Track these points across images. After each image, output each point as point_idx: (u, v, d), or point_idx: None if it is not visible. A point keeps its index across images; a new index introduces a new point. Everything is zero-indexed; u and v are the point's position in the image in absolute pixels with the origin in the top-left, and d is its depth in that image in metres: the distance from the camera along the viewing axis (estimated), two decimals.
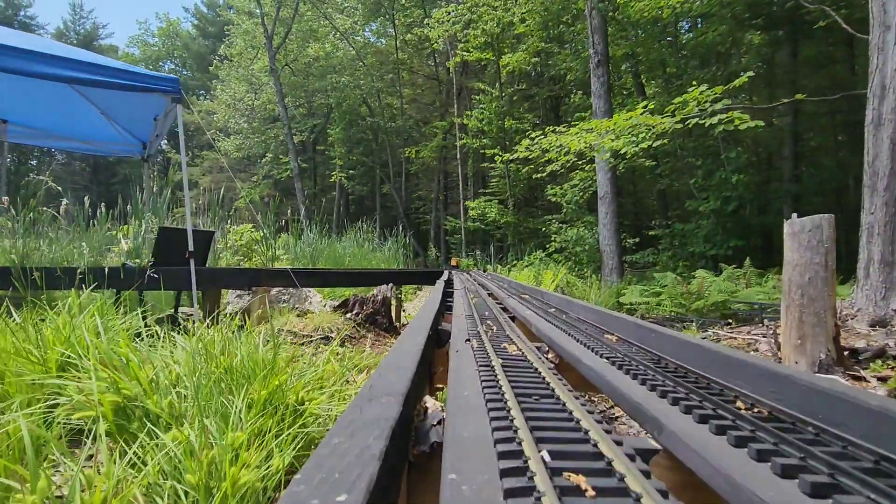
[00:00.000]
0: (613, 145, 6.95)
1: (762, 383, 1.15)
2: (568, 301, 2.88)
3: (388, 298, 5.13)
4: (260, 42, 24.21)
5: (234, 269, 5.00)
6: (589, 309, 2.48)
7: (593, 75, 13.08)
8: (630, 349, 1.68)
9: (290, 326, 4.40)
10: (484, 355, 1.42)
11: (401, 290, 7.40)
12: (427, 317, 1.96)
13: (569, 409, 0.93)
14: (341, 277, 6.25)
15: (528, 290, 3.90)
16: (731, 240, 12.65)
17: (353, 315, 4.82)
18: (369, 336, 4.64)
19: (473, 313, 2.36)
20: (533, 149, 8.45)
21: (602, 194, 12.89)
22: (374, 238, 16.52)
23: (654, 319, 6.52)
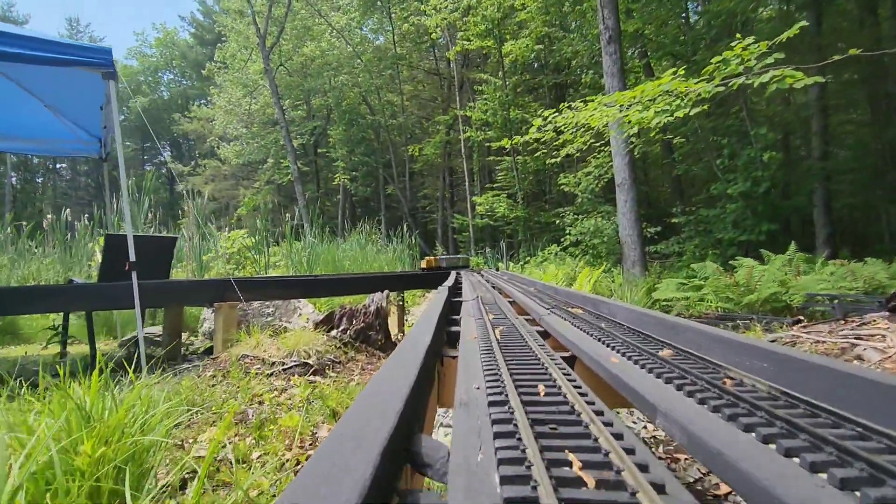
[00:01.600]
0: (642, 118, 5.98)
1: None
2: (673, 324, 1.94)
3: (383, 309, 4.22)
4: (253, 43, 23.40)
5: (194, 282, 4.13)
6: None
7: (605, 52, 12.13)
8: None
9: (260, 351, 3.49)
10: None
11: (402, 294, 6.50)
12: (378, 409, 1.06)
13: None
14: (328, 285, 5.31)
15: (573, 297, 2.92)
16: (763, 224, 11.60)
17: (339, 332, 3.90)
18: (360, 358, 3.73)
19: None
20: (546, 129, 7.48)
21: (620, 181, 11.91)
22: (377, 240, 15.65)
23: (704, 319, 5.54)
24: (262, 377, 3.16)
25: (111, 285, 3.97)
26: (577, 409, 0.83)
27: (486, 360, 1.18)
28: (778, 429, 0.78)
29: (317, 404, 2.68)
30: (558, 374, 1.05)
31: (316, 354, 3.41)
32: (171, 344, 4.36)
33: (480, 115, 19.51)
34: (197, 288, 4.27)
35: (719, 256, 11.53)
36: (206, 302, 4.33)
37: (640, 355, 1.31)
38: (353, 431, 0.67)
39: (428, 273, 7.00)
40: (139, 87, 56.86)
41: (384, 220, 26.58)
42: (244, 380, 3.05)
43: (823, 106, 14.46)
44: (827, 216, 14.10)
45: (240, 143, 30.91)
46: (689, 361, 1.24)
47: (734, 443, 0.74)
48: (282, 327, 4.71)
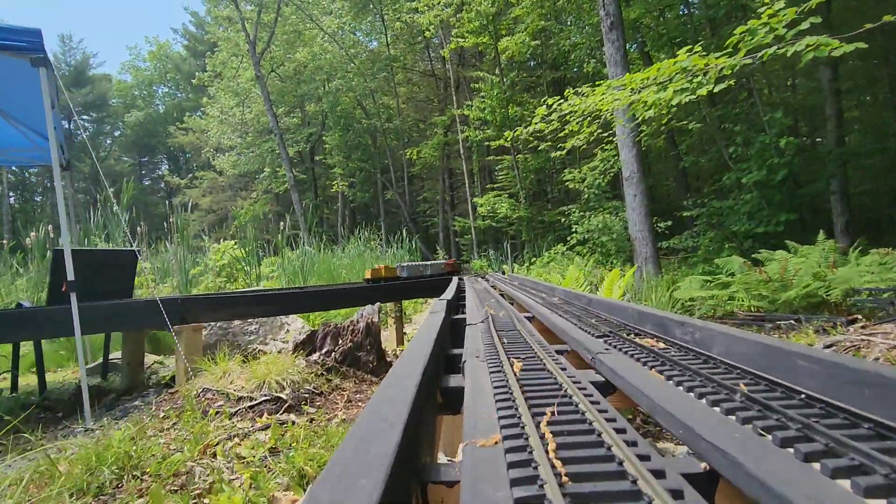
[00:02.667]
0: (659, 98, 5.38)
1: None
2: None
3: (374, 325, 3.62)
4: (243, 49, 22.91)
5: (148, 302, 3.54)
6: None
7: (606, 40, 11.57)
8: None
9: (226, 383, 2.90)
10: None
11: (400, 305, 5.91)
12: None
13: None
14: (311, 299, 4.69)
15: (617, 311, 2.24)
16: (781, 214, 10.99)
17: (321, 355, 3.31)
18: (346, 386, 3.13)
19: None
20: (550, 119, 6.89)
21: (628, 174, 11.33)
22: (376, 246, 15.08)
23: (740, 321, 4.92)
24: (224, 417, 2.57)
25: (55, 309, 3.39)
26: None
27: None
28: None
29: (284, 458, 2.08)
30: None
31: (291, 385, 2.81)
32: (132, 374, 3.78)
33: (478, 114, 18.93)
34: (150, 309, 3.65)
35: (735, 250, 10.91)
36: (162, 325, 3.73)
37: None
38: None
39: (430, 280, 6.39)
40: (134, 100, 56.64)
41: (384, 226, 26.05)
42: (199, 423, 2.46)
43: (837, 89, 13.85)
44: (844, 204, 13.47)
45: (235, 153, 30.42)
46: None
47: None
48: (258, 351, 4.11)
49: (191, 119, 35.12)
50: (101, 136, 60.18)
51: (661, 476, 0.63)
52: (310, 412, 2.68)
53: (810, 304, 5.70)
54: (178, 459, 2.12)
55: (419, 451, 0.83)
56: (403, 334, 5.77)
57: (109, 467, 1.99)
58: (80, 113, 57.58)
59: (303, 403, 2.75)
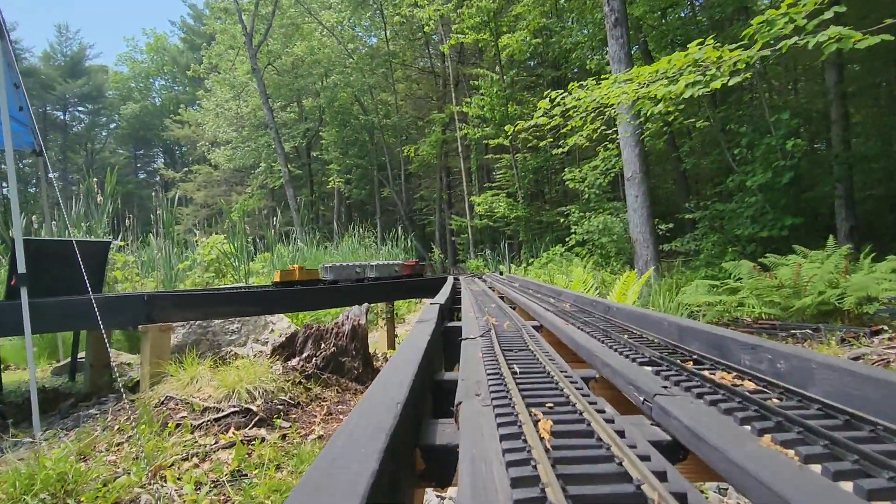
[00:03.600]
0: (669, 91, 5.09)
1: None
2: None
3: (361, 327, 3.31)
4: (240, 42, 22.54)
5: (109, 299, 3.21)
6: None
7: (610, 37, 11.30)
8: None
9: (193, 390, 2.59)
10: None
11: (392, 306, 5.60)
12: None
13: None
14: (293, 298, 4.32)
15: (649, 324, 1.88)
16: (786, 218, 10.72)
17: (300, 361, 3.00)
18: (328, 396, 2.82)
19: None
20: (552, 113, 6.59)
21: (630, 174, 11.07)
22: (370, 243, 14.77)
23: (754, 328, 4.63)
24: (185, 431, 2.26)
25: (4, 305, 3.06)
26: None
27: None
28: None
29: (244, 490, 1.77)
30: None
31: (264, 396, 2.50)
32: (94, 377, 3.45)
33: (478, 111, 18.62)
34: (112, 306, 3.30)
35: (739, 253, 10.65)
36: (126, 324, 3.41)
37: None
38: None
39: (425, 279, 6.06)
40: (130, 93, 56.10)
41: (380, 224, 25.74)
42: (155, 439, 2.14)
43: (843, 92, 13.62)
44: (850, 209, 13.23)
45: (230, 147, 30.02)
46: None
47: None
48: (233, 354, 3.78)
49: (186, 112, 34.66)
50: (97, 128, 59.64)
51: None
52: (283, 427, 2.38)
53: (820, 312, 5.43)
54: (123, 484, 1.81)
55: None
56: (395, 336, 5.47)
57: (38, 495, 1.69)
58: (76, 104, 57.09)
59: (276, 416, 2.45)
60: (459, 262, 22.76)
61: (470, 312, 2.03)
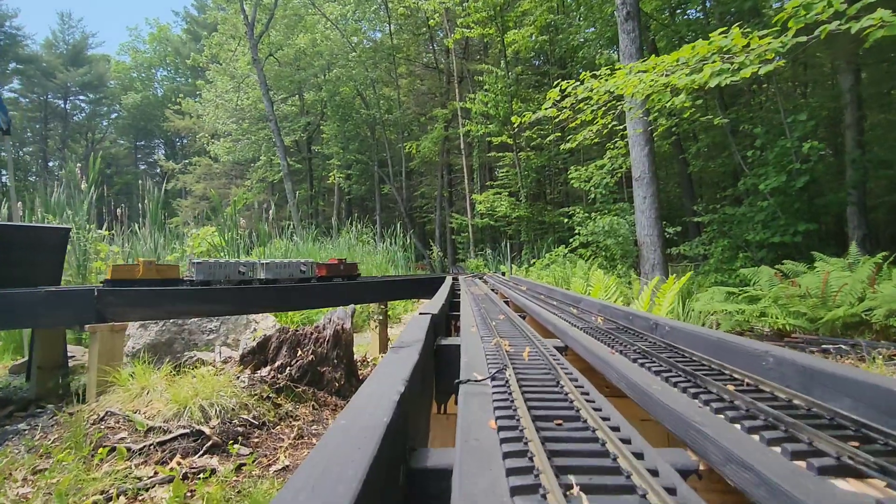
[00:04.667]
0: (692, 80, 4.68)
1: None
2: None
3: (345, 332, 2.91)
4: (241, 32, 22.12)
5: (50, 294, 2.76)
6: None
7: (621, 31, 10.90)
8: None
9: (141, 404, 2.18)
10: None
11: (385, 307, 5.19)
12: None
13: None
14: (272, 296, 3.86)
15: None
16: (800, 223, 10.32)
17: (271, 371, 2.59)
18: (301, 413, 2.41)
19: None
20: (562, 107, 6.19)
21: (638, 174, 10.67)
22: (369, 240, 14.38)
23: (790, 341, 4.22)
24: (119, 459, 1.85)
25: None
26: None
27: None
28: None
29: None
30: None
31: (221, 415, 2.10)
32: (41, 381, 3.05)
33: (481, 107, 18.20)
34: (54, 302, 2.86)
35: (750, 259, 10.25)
36: (70, 322, 2.99)
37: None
38: None
39: (421, 279, 5.65)
40: (132, 82, 55.67)
41: (379, 220, 25.38)
42: (80, 468, 1.74)
43: (858, 95, 13.22)
44: (863, 216, 12.85)
45: (230, 139, 29.59)
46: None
47: None
48: (197, 361, 3.37)
49: (185, 102, 34.21)
50: (98, 118, 59.23)
51: None
52: (241, 455, 1.99)
53: (844, 325, 5.02)
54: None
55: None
56: (388, 340, 5.08)
57: None
58: (77, 93, 56.68)
59: (234, 441, 2.05)
60: (459, 262, 22.38)
61: (472, 327, 1.61)
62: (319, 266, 4.67)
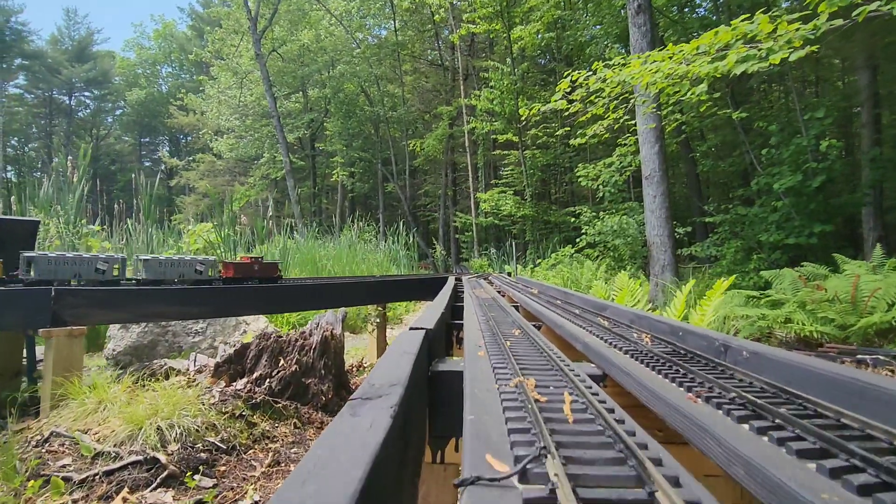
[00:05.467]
0: (712, 69, 4.36)
1: None
2: None
3: (334, 339, 2.61)
4: (244, 27, 21.87)
5: (4, 293, 2.45)
6: None
7: (632, 24, 10.59)
8: None
9: (93, 423, 1.89)
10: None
11: (384, 309, 4.89)
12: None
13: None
14: (251, 297, 3.45)
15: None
16: (815, 224, 9.97)
17: (248, 384, 2.29)
18: (279, 433, 2.11)
19: None
20: (572, 97, 5.87)
21: (648, 173, 10.37)
22: (371, 238, 14.11)
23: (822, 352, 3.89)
24: (55, 493, 1.55)
25: None
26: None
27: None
28: None
29: None
30: None
31: (183, 437, 1.80)
32: None
33: (487, 104, 17.88)
34: (2, 301, 2.53)
35: (765, 261, 9.91)
36: (19, 325, 2.67)
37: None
38: None
39: (421, 279, 5.34)
40: (137, 79, 55.56)
41: (382, 219, 25.11)
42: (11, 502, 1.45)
43: (875, 92, 12.85)
44: (878, 217, 12.48)
45: (234, 136, 29.35)
46: None
47: None
48: (168, 370, 3.06)
49: (187, 97, 33.99)
50: (103, 114, 59.19)
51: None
52: (202, 487, 1.69)
53: (879, 331, 4.69)
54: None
55: None
56: (386, 345, 4.78)
57: None
58: (82, 89, 56.66)
59: (195, 470, 1.76)
60: (463, 261, 22.09)
61: (479, 345, 1.25)
62: (226, 266, 4.10)
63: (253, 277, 3.71)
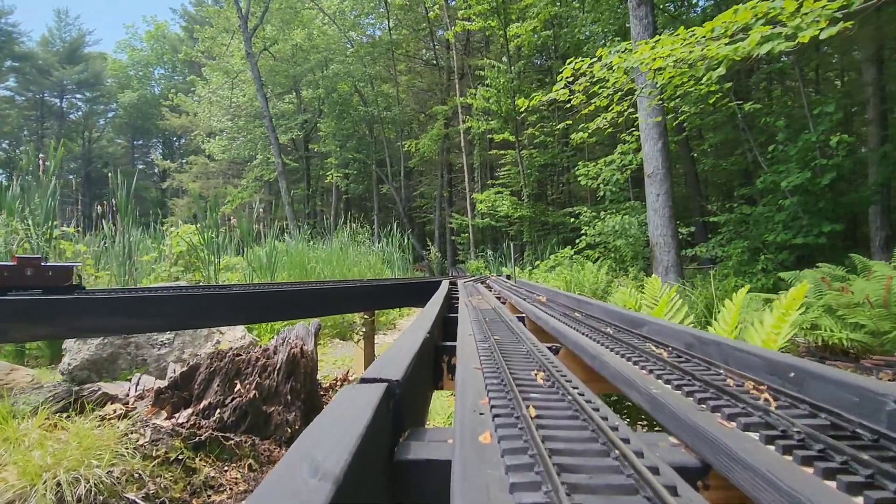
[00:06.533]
0: (731, 51, 3.97)
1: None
2: None
3: (305, 356, 2.19)
4: (234, 25, 21.43)
5: None
6: None
7: (633, 17, 10.23)
8: None
9: None
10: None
11: (372, 317, 4.47)
12: None
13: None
14: (205, 307, 2.79)
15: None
16: (824, 224, 9.61)
17: (193, 415, 1.87)
18: (228, 479, 1.70)
19: None
20: (574, 88, 5.47)
21: (651, 170, 9.99)
22: (364, 239, 13.69)
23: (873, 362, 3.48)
24: None
25: None
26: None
27: None
28: None
29: None
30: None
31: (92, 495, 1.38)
32: None
33: (482, 103, 17.48)
34: None
35: (773, 262, 9.53)
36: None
37: None
38: None
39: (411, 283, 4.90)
40: (129, 80, 54.97)
41: (377, 220, 24.71)
42: None
43: (882, 86, 12.52)
44: (885, 217, 12.14)
45: (226, 137, 28.85)
46: None
47: None
48: (101, 396, 2.62)
49: (177, 97, 33.49)
50: (95, 117, 58.58)
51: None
52: None
53: None
54: None
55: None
56: (374, 356, 4.36)
57: None
58: (73, 91, 56.07)
59: None
60: (459, 263, 21.70)
61: (480, 411, 0.77)
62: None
63: (24, 286, 2.59)
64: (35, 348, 5.06)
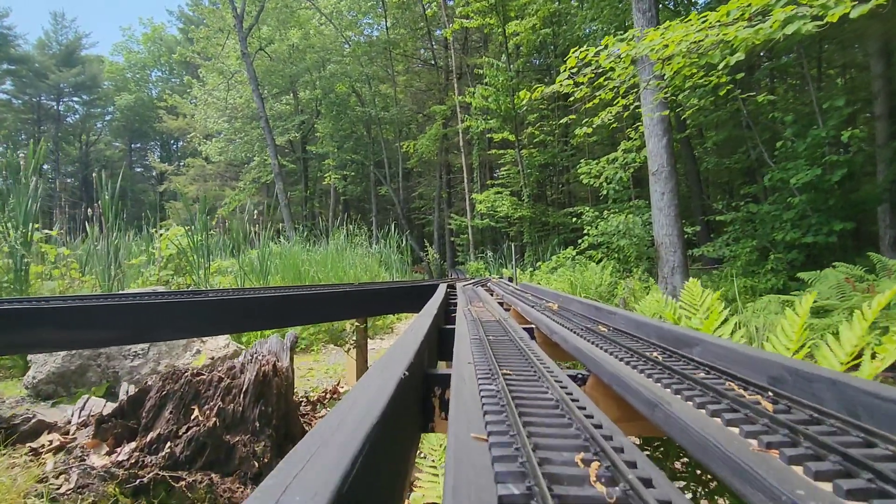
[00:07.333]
0: (752, 34, 3.67)
1: None
2: None
3: (279, 376, 1.88)
4: (230, 24, 21.15)
5: None
6: None
7: (636, 10, 9.96)
8: None
9: None
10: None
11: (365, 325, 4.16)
12: None
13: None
14: (159, 315, 2.38)
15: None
16: (834, 222, 9.32)
17: (137, 450, 1.57)
18: None
19: None
20: (579, 80, 5.17)
21: (655, 168, 9.69)
22: (361, 241, 13.38)
23: None
24: None
25: None
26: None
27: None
28: None
29: None
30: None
31: None
32: None
33: (481, 102, 17.19)
34: None
35: (783, 261, 9.24)
36: None
37: None
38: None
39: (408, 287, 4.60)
40: (126, 83, 54.69)
41: (375, 222, 24.41)
42: None
43: (889, 81, 12.23)
44: (894, 215, 11.85)
45: (223, 139, 28.54)
46: None
47: None
48: (35, 424, 2.30)
49: (172, 99, 33.21)
50: (92, 120, 58.29)
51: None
52: None
53: None
54: None
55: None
56: (367, 367, 4.05)
57: None
58: (70, 94, 55.80)
59: None
60: (459, 264, 21.41)
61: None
62: None
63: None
64: (6, 358, 4.75)
